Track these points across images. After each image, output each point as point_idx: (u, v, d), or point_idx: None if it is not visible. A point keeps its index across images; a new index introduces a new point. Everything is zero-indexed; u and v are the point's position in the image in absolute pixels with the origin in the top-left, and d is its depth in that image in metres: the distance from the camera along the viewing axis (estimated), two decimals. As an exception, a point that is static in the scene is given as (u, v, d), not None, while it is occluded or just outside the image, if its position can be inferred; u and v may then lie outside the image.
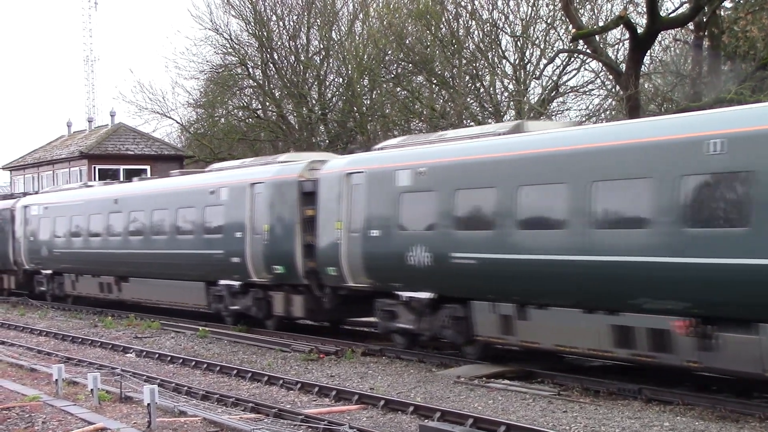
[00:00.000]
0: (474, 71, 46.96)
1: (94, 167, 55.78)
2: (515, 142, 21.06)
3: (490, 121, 43.64)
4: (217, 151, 57.36)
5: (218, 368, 23.21)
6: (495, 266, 20.64)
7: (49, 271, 42.19)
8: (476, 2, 46.45)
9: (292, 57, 56.68)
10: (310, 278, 26.79)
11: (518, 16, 45.69)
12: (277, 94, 57.60)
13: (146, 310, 36.02)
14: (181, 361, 24.77)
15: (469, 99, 46.73)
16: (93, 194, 39.58)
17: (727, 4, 36.92)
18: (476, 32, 47.19)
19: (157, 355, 25.88)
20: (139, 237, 34.73)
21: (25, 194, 48.76)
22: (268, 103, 58.81)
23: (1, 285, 47.98)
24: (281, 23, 56.83)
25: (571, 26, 38.08)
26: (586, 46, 37.13)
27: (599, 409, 17.26)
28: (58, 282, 41.59)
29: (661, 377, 19.04)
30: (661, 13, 34.33)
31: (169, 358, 25.29)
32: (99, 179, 50.50)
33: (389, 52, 50.24)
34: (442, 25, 46.82)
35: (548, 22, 44.89)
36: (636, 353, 18.15)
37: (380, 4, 52.30)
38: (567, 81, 46.76)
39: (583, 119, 43.70)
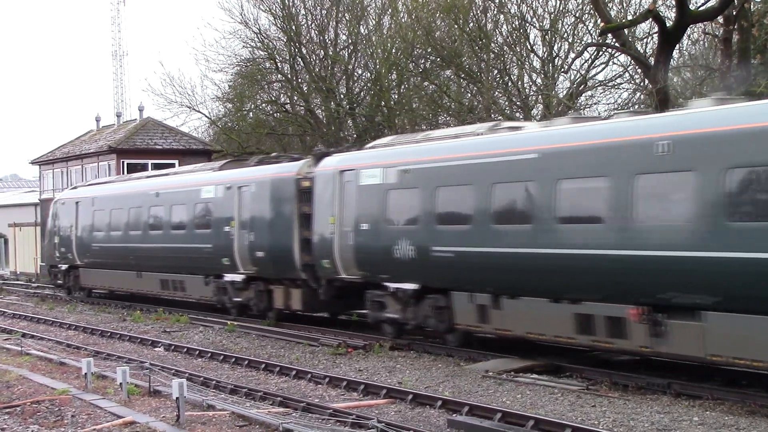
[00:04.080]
0: (502, 65, 46.81)
1: (123, 162, 55.99)
2: None
3: (518, 115, 43.57)
4: (245, 145, 57.50)
5: (246, 362, 23.26)
6: None
7: (407, 287, 24.12)
8: (504, -4, 46.39)
9: (321, 51, 56.70)
10: None
11: (546, 9, 45.57)
12: (305, 89, 57.62)
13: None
14: (209, 355, 24.84)
15: (497, 93, 46.62)
16: (563, 139, 20.29)
17: (757, -3, 36.64)
18: (504, 26, 47.14)
19: (185, 349, 25.97)
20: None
21: (325, 153, 28.61)
22: (296, 98, 58.90)
23: (266, 302, 30.52)
24: (309, 18, 56.90)
25: (599, 20, 37.85)
26: (614, 40, 36.91)
27: (628, 404, 17.20)
28: (433, 305, 23.66)
29: (691, 372, 18.94)
30: (690, 7, 34.09)
31: (197, 352, 25.37)
32: (127, 174, 50.33)
33: (417, 46, 50.16)
34: (470, 20, 46.73)
35: (577, 15, 44.78)
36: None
37: (408, -2, 52.25)
38: (595, 75, 46.58)
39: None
